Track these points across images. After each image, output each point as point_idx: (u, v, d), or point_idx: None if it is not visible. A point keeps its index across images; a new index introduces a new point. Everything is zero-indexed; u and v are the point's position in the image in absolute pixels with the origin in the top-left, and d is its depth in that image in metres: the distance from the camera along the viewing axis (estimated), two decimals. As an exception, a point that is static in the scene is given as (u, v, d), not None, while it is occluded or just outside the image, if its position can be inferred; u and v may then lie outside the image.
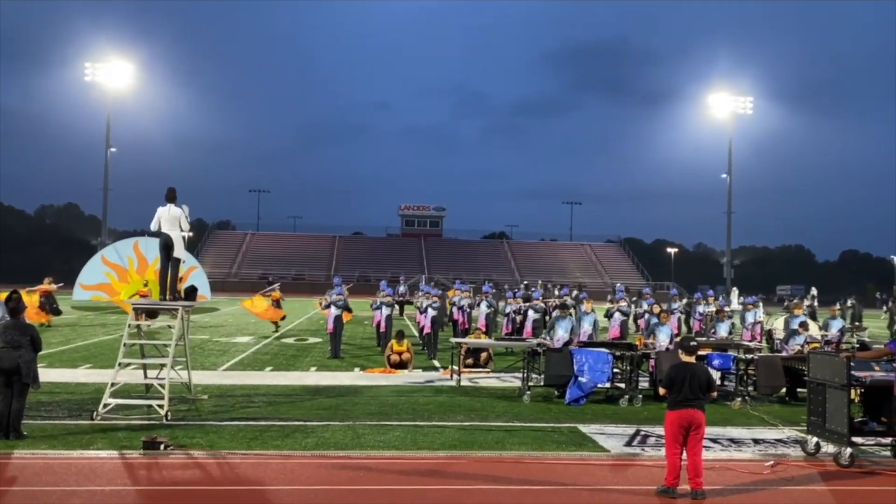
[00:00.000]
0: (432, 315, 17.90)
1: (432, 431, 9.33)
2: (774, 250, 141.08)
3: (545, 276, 68.04)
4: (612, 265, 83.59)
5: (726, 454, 8.67)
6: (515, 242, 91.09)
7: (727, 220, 56.30)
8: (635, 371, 12.21)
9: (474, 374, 14.61)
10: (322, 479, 7.26)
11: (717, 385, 12.14)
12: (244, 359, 16.74)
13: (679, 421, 6.93)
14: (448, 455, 8.20)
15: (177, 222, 10.97)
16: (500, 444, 8.73)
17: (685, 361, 7.24)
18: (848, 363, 8.26)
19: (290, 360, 16.58)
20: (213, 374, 14.23)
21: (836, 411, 8.34)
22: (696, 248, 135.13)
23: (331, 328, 17.36)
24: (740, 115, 54.60)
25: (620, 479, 7.59)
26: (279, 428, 9.31)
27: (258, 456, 7.95)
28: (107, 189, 53.01)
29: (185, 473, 7.35)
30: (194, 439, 8.56)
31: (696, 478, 6.83)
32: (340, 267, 73.88)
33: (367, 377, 14.21)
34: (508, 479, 7.32)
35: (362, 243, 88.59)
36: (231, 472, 7.42)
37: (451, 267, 74.12)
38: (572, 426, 9.94)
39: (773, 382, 12.18)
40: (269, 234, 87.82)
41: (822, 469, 8.11)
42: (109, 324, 25.29)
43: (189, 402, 10.89)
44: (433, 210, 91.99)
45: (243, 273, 73.05)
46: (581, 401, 11.58)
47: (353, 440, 8.74)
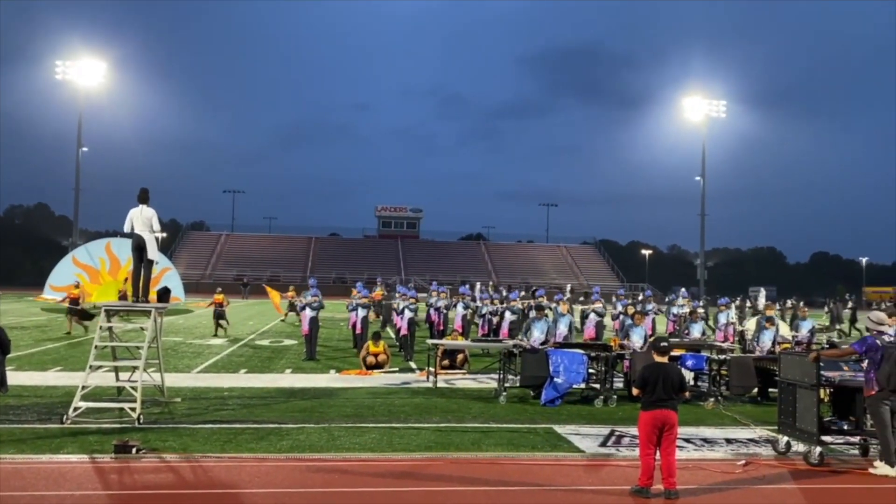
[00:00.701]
0: (409, 317, 17.87)
1: (408, 433, 9.32)
2: (747, 252, 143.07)
3: (522, 277, 68.36)
4: (588, 267, 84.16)
5: (699, 454, 8.76)
6: (492, 244, 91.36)
7: (701, 222, 57.02)
8: (610, 372, 12.30)
9: (451, 376, 14.62)
10: (297, 481, 7.21)
11: (690, 385, 12.32)
12: (218, 361, 16.58)
13: (652, 421, 6.99)
14: (424, 457, 8.19)
15: (150, 223, 10.84)
16: (476, 446, 8.74)
17: (658, 362, 7.32)
18: (817, 363, 8.40)
19: (264, 363, 16.46)
20: (187, 376, 14.07)
21: (805, 411, 8.47)
22: (670, 250, 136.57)
23: (306, 330, 17.26)
24: (714, 118, 55.27)
25: (595, 480, 7.64)
26: (254, 430, 9.23)
27: (232, 459, 7.88)
28: (78, 189, 52.23)
29: (158, 477, 7.26)
30: (167, 442, 8.46)
31: (670, 478, 6.89)
32: (316, 268, 73.55)
33: (342, 379, 14.15)
34: (484, 481, 7.33)
35: (339, 244, 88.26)
36: (205, 475, 7.35)
37: (429, 268, 74.11)
38: (548, 427, 9.98)
39: (745, 383, 12.34)
40: (243, 235, 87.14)
41: (793, 468, 8.23)
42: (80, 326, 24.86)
43: (162, 404, 10.76)
44: (410, 211, 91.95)
45: (217, 274, 72.37)
46: (557, 401, 11.63)
47: (329, 442, 8.70)
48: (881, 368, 8.08)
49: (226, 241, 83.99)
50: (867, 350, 8.32)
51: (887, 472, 7.91)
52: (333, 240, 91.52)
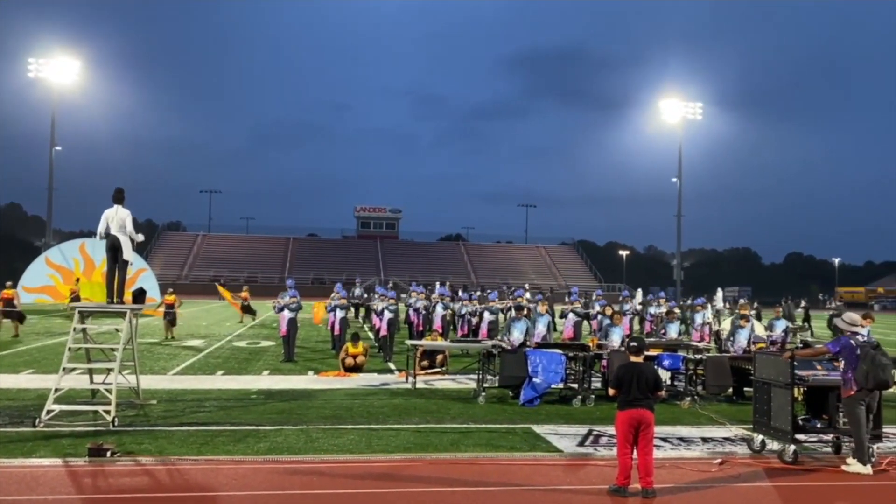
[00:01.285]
0: (388, 318, 17.83)
1: (387, 434, 9.30)
2: (723, 252, 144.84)
3: (501, 277, 68.49)
4: (566, 267, 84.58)
5: (676, 453, 8.84)
6: (472, 244, 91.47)
7: (677, 223, 57.56)
8: (588, 371, 12.37)
9: (430, 377, 14.62)
10: (275, 484, 7.16)
11: (667, 385, 12.42)
12: (195, 363, 16.42)
13: (628, 421, 7.05)
14: (403, 458, 8.18)
15: (124, 224, 10.71)
16: (454, 446, 8.74)
17: (633, 362, 7.37)
18: (791, 363, 8.51)
19: (242, 364, 16.33)
20: (163, 378, 13.92)
21: (780, 410, 8.58)
22: (647, 251, 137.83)
23: (284, 331, 17.16)
24: (690, 120, 55.81)
25: (573, 479, 7.68)
26: (231, 433, 9.15)
27: (209, 461, 7.81)
28: (51, 189, 51.46)
29: (133, 481, 7.17)
30: (142, 445, 8.36)
31: (647, 477, 6.94)
32: (294, 269, 73.15)
33: (321, 380, 14.08)
34: (463, 481, 7.34)
35: (317, 245, 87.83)
36: (181, 478, 7.27)
37: (408, 269, 73.99)
38: (526, 427, 10.01)
39: (721, 382, 12.47)
40: (220, 235, 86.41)
41: (768, 466, 8.33)
42: (53, 327, 24.54)
43: (137, 407, 10.64)
44: (389, 212, 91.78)
45: (194, 275, 71.74)
46: (535, 401, 11.67)
47: (307, 444, 8.65)
48: (858, 368, 8.21)
49: (202, 241, 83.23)
50: (841, 350, 8.45)
51: (860, 469, 8.04)
52: (312, 240, 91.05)
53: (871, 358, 8.17)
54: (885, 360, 8.29)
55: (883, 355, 8.32)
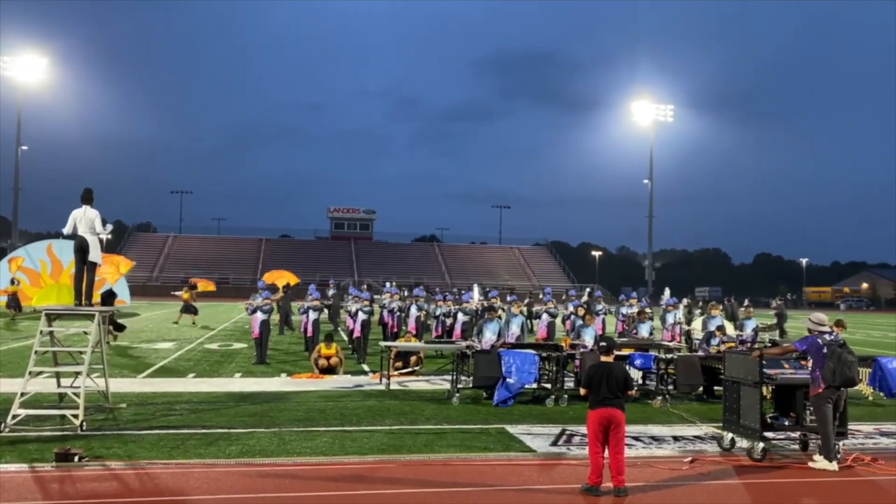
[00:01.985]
0: (363, 319, 17.77)
1: (360, 436, 9.27)
2: (693, 253, 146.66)
3: (475, 278, 68.58)
4: (540, 268, 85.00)
5: (648, 451, 8.93)
6: (446, 245, 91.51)
7: (649, 224, 58.16)
8: (561, 371, 12.45)
9: (404, 378, 14.59)
10: (247, 487, 7.10)
11: (638, 384, 12.54)
12: (165, 365, 16.22)
13: (599, 420, 7.11)
14: (376, 459, 8.16)
15: (93, 224, 10.54)
16: (428, 447, 8.74)
17: (603, 361, 7.44)
18: (760, 362, 8.65)
19: (213, 367, 16.16)
20: (133, 381, 13.73)
21: (749, 408, 8.71)
22: (619, 251, 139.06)
23: (256, 333, 17.02)
24: (661, 122, 56.45)
25: (546, 479, 7.72)
26: (202, 436, 9.05)
27: (180, 465, 7.71)
28: (17, 189, 50.50)
29: (102, 486, 7.06)
30: (111, 449, 8.23)
31: (619, 475, 7.00)
32: (267, 270, 72.33)
33: (294, 383, 13.99)
34: (437, 482, 7.34)
35: (290, 246, 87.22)
36: (151, 482, 7.17)
37: (382, 270, 73.80)
38: (500, 427, 10.04)
39: (692, 381, 12.63)
40: (192, 236, 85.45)
41: (737, 463, 8.45)
42: (19, 330, 24.07)
43: (106, 411, 10.48)
44: (363, 213, 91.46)
45: (165, 276, 70.86)
46: (509, 402, 11.71)
47: (280, 447, 8.59)
48: (825, 366, 8.36)
49: (173, 242, 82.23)
50: (808, 348, 8.60)
51: (826, 465, 8.20)
52: (284, 241, 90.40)
53: (837, 356, 8.33)
54: (850, 357, 8.46)
55: (849, 353, 8.48)
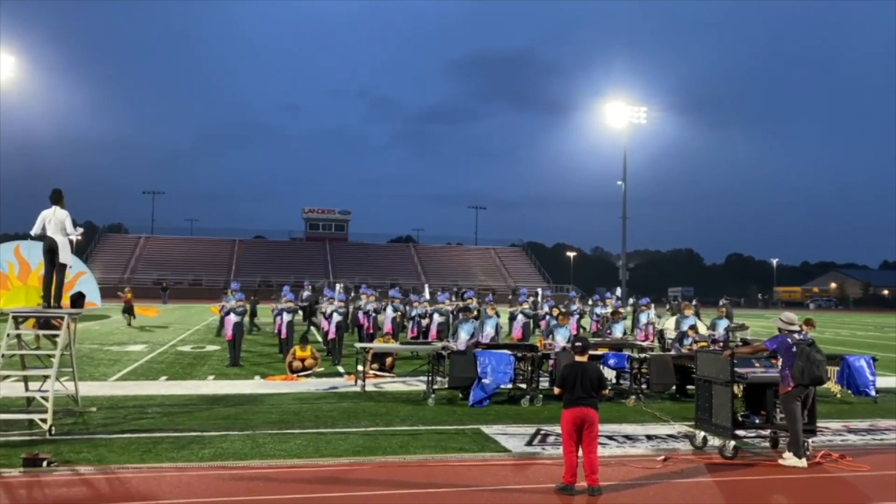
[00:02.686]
0: (337, 320, 17.69)
1: (335, 438, 9.22)
2: (666, 254, 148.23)
3: (451, 279, 68.68)
4: (516, 268, 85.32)
5: (621, 450, 9.00)
6: (422, 246, 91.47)
7: (622, 225, 58.53)
8: (536, 371, 12.50)
9: (379, 379, 14.55)
10: (220, 490, 7.03)
11: (612, 383, 12.65)
12: (137, 368, 16.00)
13: (573, 419, 7.15)
14: (351, 461, 8.12)
15: (62, 225, 10.38)
16: (404, 449, 8.72)
17: (578, 361, 7.49)
18: (731, 361, 8.76)
19: (186, 369, 15.98)
20: (103, 384, 13.53)
21: (721, 406, 8.82)
22: (593, 252, 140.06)
23: (230, 335, 16.86)
24: (635, 124, 56.89)
25: (521, 479, 7.74)
26: (174, 439, 8.94)
27: (151, 469, 7.61)
28: (-16, 189, 49.45)
29: (71, 491, 6.94)
30: (81, 454, 8.10)
31: (593, 474, 7.04)
32: (241, 271, 71.91)
33: (268, 385, 13.88)
34: (412, 483, 7.33)
35: (264, 247, 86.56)
36: (121, 487, 7.07)
37: (358, 271, 73.56)
38: (475, 427, 10.06)
39: (665, 380, 12.75)
40: (164, 237, 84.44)
41: (709, 461, 8.55)
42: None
43: (76, 414, 10.31)
44: (338, 213, 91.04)
45: (137, 278, 69.85)
46: (484, 402, 11.73)
47: (253, 450, 8.51)
48: (795, 365, 8.49)
49: (145, 243, 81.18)
50: (778, 347, 8.73)
51: (795, 462, 8.33)
52: (258, 242, 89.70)
53: (806, 355, 8.47)
54: (819, 356, 8.60)
55: (817, 352, 8.63)
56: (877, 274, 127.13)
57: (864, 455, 8.98)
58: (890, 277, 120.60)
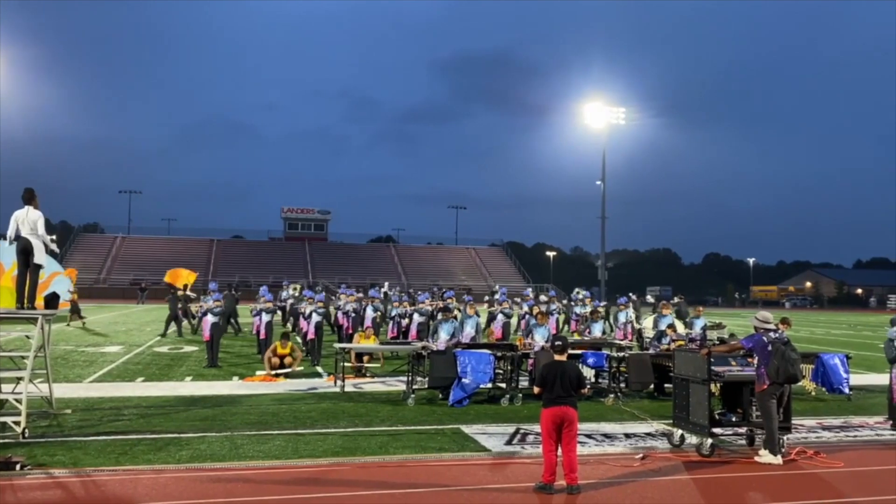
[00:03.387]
0: (316, 321, 17.60)
1: (314, 439, 9.18)
2: (644, 253, 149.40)
3: (431, 279, 68.67)
4: (496, 268, 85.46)
5: (600, 449, 9.06)
6: (402, 246, 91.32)
7: (601, 225, 58.86)
8: (516, 371, 12.53)
9: (359, 380, 14.51)
10: (197, 492, 6.97)
11: (591, 382, 12.72)
12: (113, 369, 15.81)
13: (552, 418, 7.18)
14: (330, 462, 8.09)
15: (36, 226, 10.22)
16: (383, 449, 8.71)
17: (557, 360, 7.52)
18: (708, 359, 8.84)
19: (163, 370, 15.81)
20: (79, 386, 13.36)
21: (698, 405, 8.90)
22: (573, 252, 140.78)
23: (207, 336, 16.72)
24: (614, 125, 57.27)
25: (500, 478, 7.76)
26: (151, 441, 8.86)
27: (127, 472, 7.53)
28: (-44, 188, 48.57)
29: (45, 494, 6.84)
30: (55, 457, 7.99)
31: (572, 473, 7.08)
32: (219, 271, 71.33)
33: (246, 386, 13.78)
34: (391, 484, 7.32)
35: (242, 247, 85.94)
36: (97, 490, 6.98)
37: (337, 271, 73.29)
38: (455, 427, 10.07)
39: (643, 379, 12.85)
40: (141, 237, 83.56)
41: (687, 459, 8.63)
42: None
43: (50, 417, 10.17)
44: (318, 213, 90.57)
45: (113, 279, 69.10)
46: (464, 402, 11.74)
47: (231, 451, 8.45)
48: (770, 363, 8.59)
49: (121, 243, 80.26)
50: (754, 346, 8.83)
51: (771, 459, 8.43)
52: (237, 242, 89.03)
53: (781, 353, 8.58)
54: (794, 355, 8.72)
55: (792, 351, 8.74)
56: (851, 273, 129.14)
57: (837, 452, 9.11)
58: (863, 276, 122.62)
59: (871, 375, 17.08)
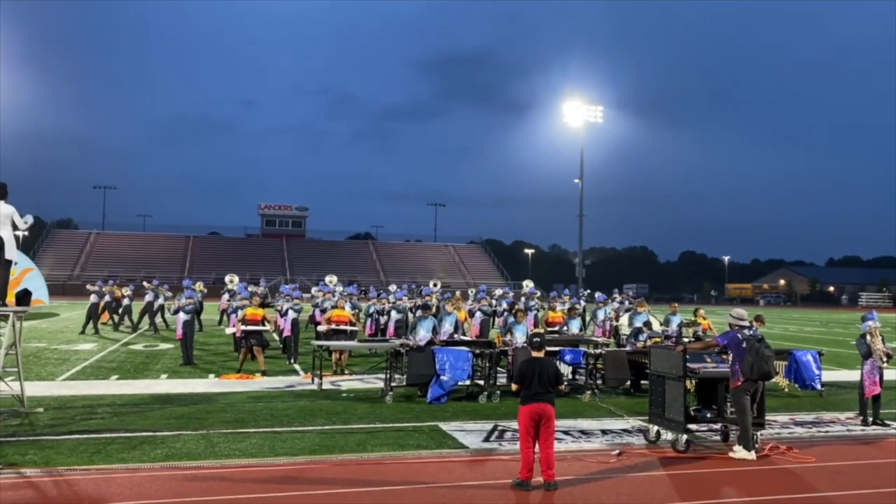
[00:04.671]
0: (293, 317, 17.50)
1: (291, 437, 9.13)
2: (621, 251, 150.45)
3: (410, 276, 68.56)
4: (474, 265, 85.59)
5: (577, 445, 9.11)
6: (381, 243, 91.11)
7: (579, 222, 59.12)
8: (494, 368, 12.56)
9: (337, 378, 14.46)
10: (172, 491, 6.89)
11: (568, 379, 12.78)
12: (86, 367, 15.60)
13: (530, 415, 7.20)
14: (307, 460, 8.05)
15: (8, 221, 10.05)
16: (361, 447, 8.68)
17: (534, 357, 7.54)
18: (684, 356, 8.93)
19: (138, 368, 15.64)
20: (51, 384, 13.16)
21: (673, 401, 8.99)
22: (551, 249, 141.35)
23: (180, 334, 16.56)
24: (592, 123, 57.53)
25: (478, 475, 7.77)
26: (125, 440, 8.75)
27: (101, 471, 7.43)
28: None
29: (16, 494, 6.73)
30: (27, 456, 7.86)
31: (549, 470, 7.11)
32: (195, 268, 70.65)
33: (222, 384, 13.67)
34: (369, 482, 7.30)
35: (219, 243, 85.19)
36: (70, 489, 6.88)
37: (315, 268, 72.86)
38: (433, 425, 10.06)
39: (620, 375, 12.94)
40: (115, 233, 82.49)
41: (662, 455, 8.71)
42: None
43: (21, 415, 10.00)
44: (296, 210, 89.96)
45: (87, 275, 67.98)
46: (442, 399, 11.75)
47: (207, 449, 8.37)
48: (744, 360, 8.70)
49: (95, 239, 79.17)
50: (729, 343, 8.93)
51: (745, 455, 8.54)
52: (213, 238, 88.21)
53: (755, 350, 8.69)
54: (768, 352, 8.84)
55: (766, 348, 8.86)
56: (823, 271, 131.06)
57: (809, 447, 9.26)
58: (836, 274, 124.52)
59: (842, 372, 17.36)
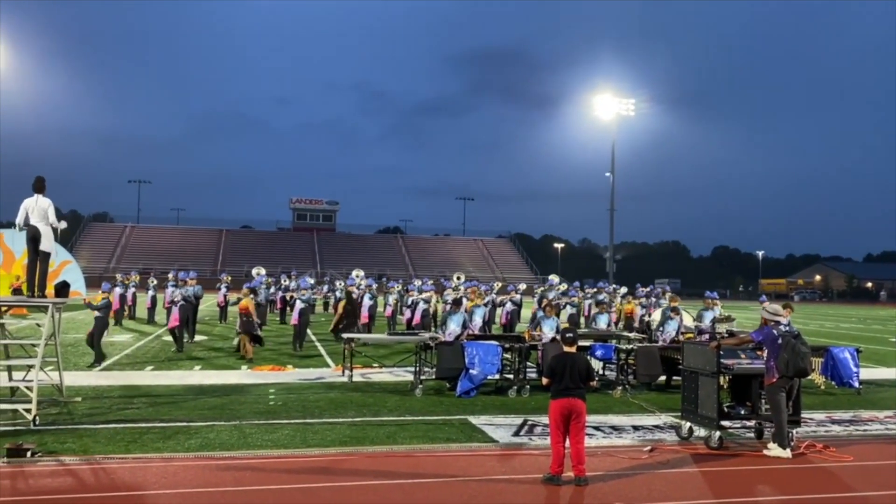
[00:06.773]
0: (300, 307, 17.92)
1: (322, 429, 9.20)
2: (653, 246, 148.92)
3: (439, 270, 68.67)
4: (503, 260, 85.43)
5: (608, 441, 9.04)
6: (410, 237, 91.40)
7: (610, 217, 58.62)
8: (523, 362, 12.52)
9: (367, 370, 14.54)
10: (206, 481, 7.00)
11: (599, 374, 12.70)
12: (122, 358, 15.90)
13: (561, 410, 7.16)
14: (338, 452, 8.11)
15: (45, 214, 10.27)
16: (391, 439, 8.72)
17: (566, 352, 7.50)
18: (717, 352, 8.80)
19: (172, 359, 15.89)
20: (89, 374, 13.44)
21: (707, 397, 8.87)
22: (581, 244, 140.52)
23: (173, 322, 17.43)
24: (623, 117, 56.92)
25: (508, 469, 7.76)
26: (160, 429, 8.90)
27: (137, 459, 7.57)
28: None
29: (55, 481, 6.89)
30: (66, 444, 8.04)
31: (580, 465, 7.07)
32: (227, 261, 71.59)
33: (255, 375, 13.83)
34: (399, 474, 7.33)
35: (251, 237, 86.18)
36: (107, 477, 7.03)
37: (345, 261, 73.30)
38: (463, 418, 10.07)
39: (651, 371, 12.81)
40: (150, 226, 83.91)
41: (694, 452, 8.61)
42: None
43: (60, 404, 10.23)
44: (326, 204, 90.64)
45: (122, 268, 69.22)
46: (472, 393, 11.75)
47: (240, 440, 8.48)
48: (780, 356, 8.54)
49: (131, 232, 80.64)
50: (764, 339, 8.78)
51: (780, 453, 8.40)
52: (245, 232, 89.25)
53: (791, 347, 8.53)
54: (804, 348, 8.66)
55: (802, 344, 8.69)
56: (861, 267, 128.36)
57: (847, 445, 9.07)
58: (873, 270, 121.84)
59: (881, 370, 16.99)
